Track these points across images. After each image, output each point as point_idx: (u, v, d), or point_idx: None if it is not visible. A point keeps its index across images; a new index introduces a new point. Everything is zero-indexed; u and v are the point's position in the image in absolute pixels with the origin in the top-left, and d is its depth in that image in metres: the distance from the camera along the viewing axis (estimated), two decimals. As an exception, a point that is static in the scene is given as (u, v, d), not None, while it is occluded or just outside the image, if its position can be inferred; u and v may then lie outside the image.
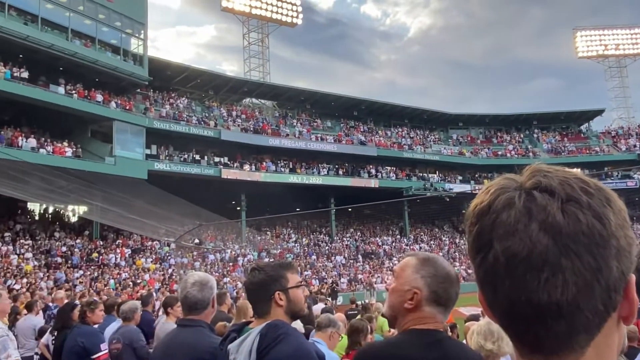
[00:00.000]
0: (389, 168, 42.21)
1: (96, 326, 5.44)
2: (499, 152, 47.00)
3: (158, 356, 2.76)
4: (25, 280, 20.94)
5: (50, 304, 11.62)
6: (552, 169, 0.66)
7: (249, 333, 2.05)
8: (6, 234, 24.78)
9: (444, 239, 42.95)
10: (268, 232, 37.55)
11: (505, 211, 0.63)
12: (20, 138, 24.76)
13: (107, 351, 5.11)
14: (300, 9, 47.61)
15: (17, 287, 19.32)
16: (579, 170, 0.68)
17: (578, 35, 57.61)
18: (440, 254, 38.44)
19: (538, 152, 47.42)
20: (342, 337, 4.71)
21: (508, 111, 52.01)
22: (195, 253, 29.98)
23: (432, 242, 41.83)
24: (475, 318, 6.15)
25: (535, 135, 50.28)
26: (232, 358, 2.03)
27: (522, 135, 50.31)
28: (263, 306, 2.14)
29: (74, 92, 27.37)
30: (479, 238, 0.65)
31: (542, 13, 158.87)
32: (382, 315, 9.32)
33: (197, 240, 29.10)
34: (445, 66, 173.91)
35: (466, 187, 41.64)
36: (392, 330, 7.67)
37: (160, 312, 7.48)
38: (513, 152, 46.97)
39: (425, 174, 43.81)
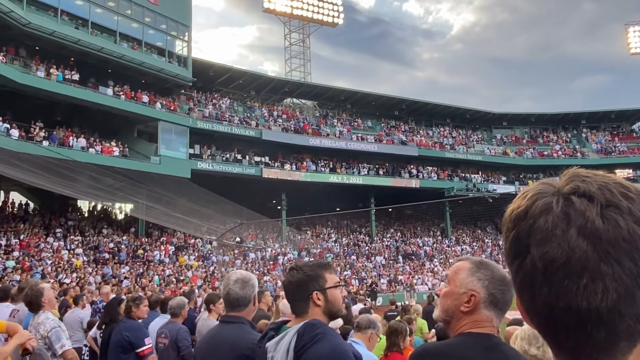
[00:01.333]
0: (430, 168, 41.68)
1: (140, 321, 5.59)
2: (545, 153, 45.63)
3: (201, 352, 2.82)
4: (75, 274, 21.78)
5: (97, 299, 12.04)
6: (591, 173, 0.65)
7: (287, 332, 2.07)
8: (57, 230, 25.83)
9: (486, 240, 42.05)
10: (308, 232, 37.71)
11: (543, 216, 0.63)
12: (71, 138, 25.75)
13: (151, 346, 5.25)
14: (341, 8, 47.63)
15: (67, 281, 20.14)
16: (628, 172, 0.65)
17: (630, 30, 55.23)
18: (483, 256, 37.68)
19: (587, 152, 45.78)
20: (380, 338, 4.68)
21: (555, 110, 50.51)
22: (236, 251, 30.44)
23: (474, 243, 41.04)
24: (518, 322, 5.99)
25: (583, 135, 48.56)
26: (269, 356, 2.06)
27: (569, 135, 48.68)
28: (301, 305, 2.15)
29: (121, 93, 28.28)
30: (516, 243, 0.65)
31: (592, 7, 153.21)
32: (423, 317, 9.21)
33: (238, 239, 29.56)
34: (489, 64, 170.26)
35: (510, 188, 40.61)
36: (432, 331, 7.56)
37: (202, 309, 7.63)
38: (560, 153, 45.53)
39: (468, 175, 43.03)
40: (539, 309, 0.63)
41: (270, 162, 35.05)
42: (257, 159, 34.77)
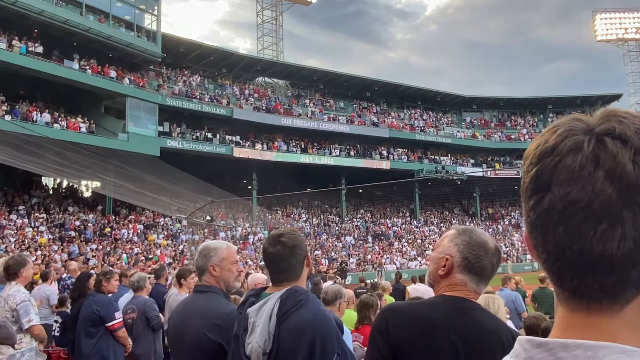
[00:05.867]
0: (400, 150, 42.05)
1: (110, 295, 5.55)
2: (512, 136, 46.57)
3: (173, 321, 2.83)
4: (39, 252, 21.33)
5: (64, 275, 11.87)
6: (628, 114, 0.62)
7: (269, 297, 2.10)
8: (21, 207, 25.16)
9: (454, 222, 42.87)
10: (279, 211, 37.74)
11: (571, 155, 0.60)
12: (34, 112, 24.96)
13: (121, 320, 5.23)
14: (314, -13, 47.11)
15: (31, 259, 19.70)
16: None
17: (598, 17, 56.47)
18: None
19: (552, 136, 46.84)
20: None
21: (523, 94, 51.36)
22: (206, 230, 30.26)
23: (442, 225, 41.82)
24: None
25: (550, 120, 49.63)
26: (251, 321, 2.08)
27: (536, 119, 49.77)
28: (297, 269, 2.19)
29: (87, 67, 27.46)
30: (537, 180, 0.63)
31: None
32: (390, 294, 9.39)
33: (208, 217, 29.33)
34: (461, 46, 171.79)
35: (478, 171, 41.41)
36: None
37: (172, 285, 7.60)
38: (527, 137, 46.51)
39: (437, 157, 43.62)
40: (550, 247, 0.62)
41: (241, 141, 34.75)
42: (228, 137, 34.43)
